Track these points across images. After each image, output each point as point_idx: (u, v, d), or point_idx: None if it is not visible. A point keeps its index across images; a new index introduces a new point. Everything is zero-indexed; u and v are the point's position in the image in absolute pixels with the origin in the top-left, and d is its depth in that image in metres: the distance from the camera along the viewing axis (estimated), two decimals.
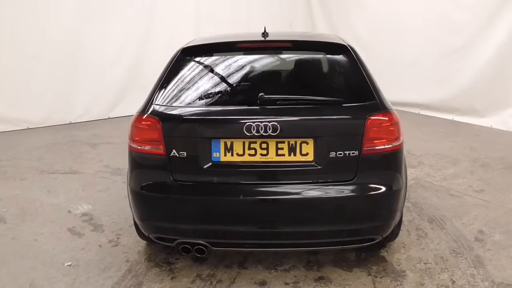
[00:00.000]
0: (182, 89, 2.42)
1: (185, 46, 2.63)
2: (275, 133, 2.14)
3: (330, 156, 2.17)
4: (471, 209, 3.47)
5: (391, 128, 2.22)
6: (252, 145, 2.19)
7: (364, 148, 2.19)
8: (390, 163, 2.26)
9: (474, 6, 6.18)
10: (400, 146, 2.28)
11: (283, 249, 2.42)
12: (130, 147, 2.39)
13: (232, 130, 2.21)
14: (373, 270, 2.64)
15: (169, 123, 2.24)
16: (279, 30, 3.04)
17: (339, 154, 2.17)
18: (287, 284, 2.52)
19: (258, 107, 2.22)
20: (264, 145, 2.19)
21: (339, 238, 2.33)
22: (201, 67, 2.55)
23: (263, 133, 2.14)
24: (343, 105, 2.25)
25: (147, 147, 2.29)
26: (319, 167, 2.18)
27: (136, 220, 2.49)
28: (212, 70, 2.50)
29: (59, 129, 6.59)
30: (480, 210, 3.44)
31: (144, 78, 7.38)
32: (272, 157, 2.19)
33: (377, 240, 2.41)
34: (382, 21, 7.67)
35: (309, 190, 2.20)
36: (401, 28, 7.29)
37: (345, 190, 2.21)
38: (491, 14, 5.97)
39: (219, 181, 2.23)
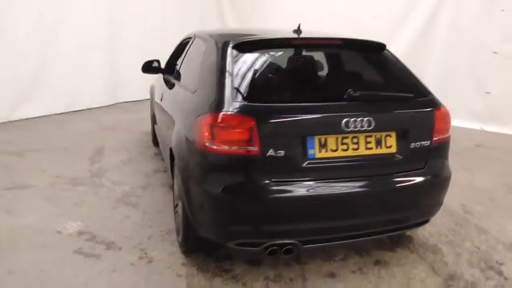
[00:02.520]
0: (259, 85, 2.30)
1: (238, 41, 2.49)
2: (366, 128, 2.22)
3: (410, 147, 2.35)
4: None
5: (448, 120, 2.51)
6: (345, 140, 2.23)
7: (434, 139, 2.43)
8: (446, 151, 2.55)
9: (385, 15, 7.06)
10: (450, 136, 2.58)
11: (359, 239, 2.50)
12: (205, 148, 2.18)
13: (328, 126, 2.21)
14: (411, 248, 2.92)
15: (264, 121, 2.11)
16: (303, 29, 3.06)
17: (416, 145, 2.36)
18: (354, 272, 2.63)
19: (347, 103, 2.27)
20: (355, 140, 2.25)
21: (410, 222, 2.53)
22: (264, 62, 2.45)
23: (355, 128, 2.21)
24: (414, 100, 2.45)
25: (235, 148, 2.13)
26: (400, 158, 2.34)
27: (215, 227, 2.29)
28: (277, 66, 2.43)
29: None
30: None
31: (51, 78, 6.59)
32: (362, 151, 2.27)
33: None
34: (295, 20, 8.14)
35: (394, 180, 2.34)
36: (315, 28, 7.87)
37: (420, 178, 2.40)
38: (401, 22, 6.92)
39: (316, 178, 2.21)
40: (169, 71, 4.31)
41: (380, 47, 2.69)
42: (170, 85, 3.54)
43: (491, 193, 3.94)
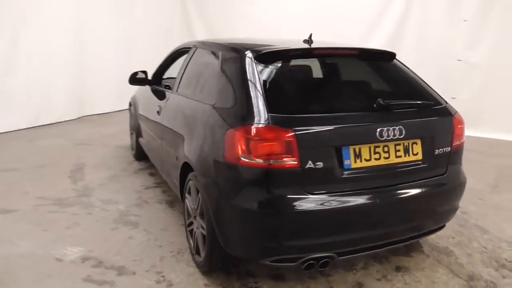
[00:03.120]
0: (291, 96, 2.25)
1: (261, 52, 2.43)
2: (398, 136, 2.24)
3: (434, 153, 2.40)
4: None
5: (463, 125, 2.59)
6: (377, 149, 2.24)
7: (453, 144, 2.49)
8: (461, 157, 2.63)
9: (356, 19, 7.28)
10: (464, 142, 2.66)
11: (388, 247, 2.49)
12: (239, 162, 2.09)
13: (363, 135, 2.20)
14: (425, 252, 2.98)
15: (302, 133, 2.07)
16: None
17: (440, 151, 2.41)
18: (379, 280, 2.63)
19: (378, 112, 2.28)
20: (385, 148, 2.26)
21: (431, 228, 2.56)
22: (289, 72, 2.41)
23: (388, 137, 2.22)
24: (433, 107, 2.51)
25: (272, 161, 2.06)
26: (425, 165, 2.38)
27: (249, 245, 2.20)
28: (302, 76, 2.39)
29: None
30: None
31: (14, 91, 6.17)
32: (392, 159, 2.28)
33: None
34: (263, 28, 8.19)
35: (421, 186, 2.37)
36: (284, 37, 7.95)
37: (443, 183, 2.46)
38: (372, 27, 7.16)
39: (353, 188, 2.19)
40: (158, 82, 4.17)
41: (392, 55, 2.74)
42: (166, 98, 3.39)
43: (479, 194, 4.12)
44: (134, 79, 4.17)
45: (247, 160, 2.09)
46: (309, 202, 2.09)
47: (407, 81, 2.66)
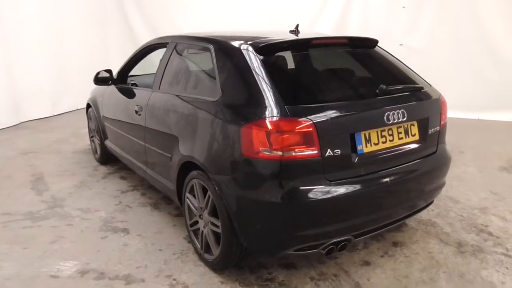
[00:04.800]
0: (303, 87, 2.26)
1: (261, 44, 2.43)
2: (402, 119, 2.38)
3: (428, 133, 2.57)
4: None
5: (446, 105, 2.80)
6: (383, 133, 2.35)
7: (441, 123, 2.70)
8: (445, 134, 2.84)
9: (300, 10, 7.45)
10: None
11: (394, 225, 2.62)
12: (259, 156, 2.09)
13: (372, 121, 2.30)
14: (413, 225, 3.19)
15: (320, 122, 2.10)
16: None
17: (432, 131, 2.60)
18: (382, 256, 2.78)
19: (383, 97, 2.38)
20: (390, 132, 2.38)
21: (425, 203, 2.75)
22: (293, 63, 2.43)
23: (394, 121, 2.34)
24: (423, 90, 2.67)
25: (293, 152, 2.09)
26: (422, 145, 2.55)
27: (274, 237, 2.20)
28: (306, 66, 2.42)
29: None
30: None
31: None
32: (396, 141, 2.41)
33: None
34: (207, 19, 8.10)
35: (421, 165, 2.53)
36: (229, 26, 7.91)
37: (436, 161, 2.65)
38: (315, 17, 7.37)
39: (366, 172, 2.28)
40: (124, 81, 3.98)
41: (375, 42, 2.88)
42: (147, 97, 3.24)
43: None
44: (98, 79, 3.94)
45: (267, 153, 2.09)
46: (331, 189, 2.15)
47: (394, 66, 2.81)
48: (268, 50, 2.44)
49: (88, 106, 4.76)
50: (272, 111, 2.12)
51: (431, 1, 6.75)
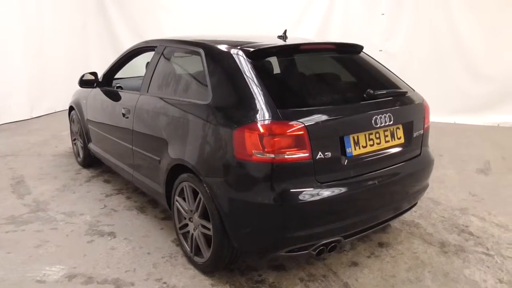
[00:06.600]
0: (295, 90, 2.30)
1: (253, 49, 2.46)
2: (389, 123, 2.45)
3: (413, 136, 2.66)
4: None
5: (429, 109, 2.89)
6: (371, 136, 2.42)
7: (425, 126, 2.79)
8: (428, 137, 2.94)
9: (282, 16, 7.53)
10: None
11: (380, 226, 2.68)
12: (251, 158, 2.12)
13: (361, 124, 2.36)
14: (397, 226, 3.28)
15: (312, 125, 2.14)
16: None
17: (416, 134, 2.68)
18: (369, 257, 2.84)
19: (371, 101, 2.44)
20: (377, 135, 2.44)
21: (410, 205, 2.83)
22: (283, 68, 2.47)
23: (381, 124, 2.41)
24: (407, 95, 2.76)
25: (285, 155, 2.12)
26: (407, 148, 2.63)
27: (266, 238, 2.23)
28: (296, 71, 2.46)
29: None
30: None
31: None
32: (383, 144, 2.48)
33: None
34: (191, 23, 8.10)
35: (406, 167, 2.59)
36: (212, 31, 7.95)
37: (420, 163, 2.73)
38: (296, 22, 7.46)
39: (355, 174, 2.33)
40: (110, 84, 3.95)
41: (361, 48, 2.96)
42: (135, 100, 3.22)
43: None
44: (83, 81, 3.90)
45: (260, 156, 2.12)
46: (323, 191, 2.20)
47: (379, 71, 2.89)
48: (259, 54, 2.48)
49: (71, 108, 4.68)
50: (264, 115, 2.15)
51: (409, 9, 6.95)
